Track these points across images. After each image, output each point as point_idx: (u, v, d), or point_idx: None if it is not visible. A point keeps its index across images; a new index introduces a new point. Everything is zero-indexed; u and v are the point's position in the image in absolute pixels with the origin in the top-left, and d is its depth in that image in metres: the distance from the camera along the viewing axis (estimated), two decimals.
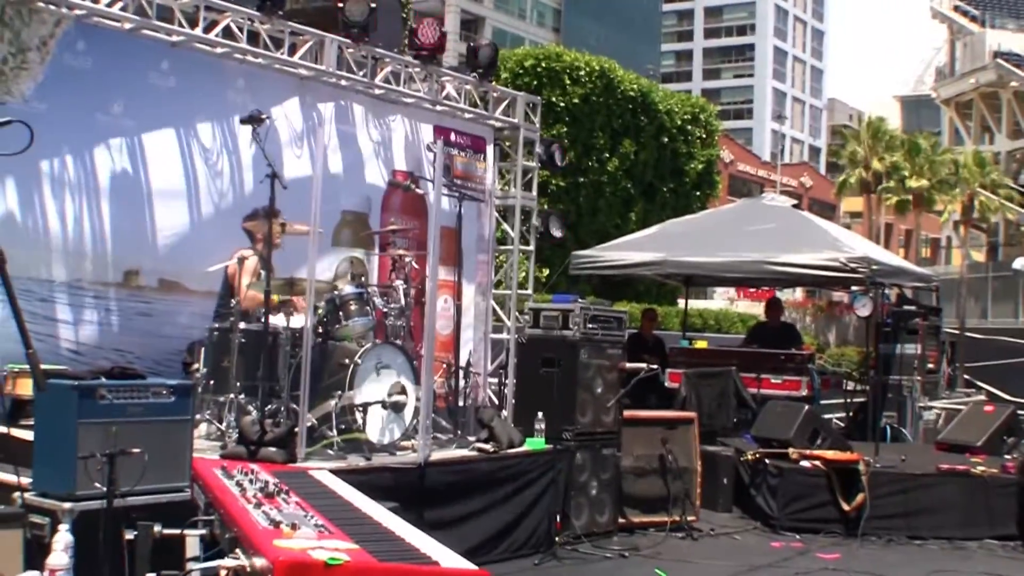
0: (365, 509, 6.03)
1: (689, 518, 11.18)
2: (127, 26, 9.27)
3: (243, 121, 9.07)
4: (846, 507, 11.17)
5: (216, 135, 10.19)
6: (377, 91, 11.34)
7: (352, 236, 11.40)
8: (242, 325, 8.95)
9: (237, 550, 5.10)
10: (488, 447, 9.75)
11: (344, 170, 11.32)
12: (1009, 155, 61.50)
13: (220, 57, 10.07)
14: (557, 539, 9.92)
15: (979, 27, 61.85)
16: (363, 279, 10.14)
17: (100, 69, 9.39)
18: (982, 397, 18.65)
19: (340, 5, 10.40)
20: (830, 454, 11.68)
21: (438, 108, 12.00)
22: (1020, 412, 13.78)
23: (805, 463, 11.59)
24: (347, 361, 8.92)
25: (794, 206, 17.56)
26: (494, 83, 12.65)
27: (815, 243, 14.91)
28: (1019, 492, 11.28)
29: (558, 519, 10.07)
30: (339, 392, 8.80)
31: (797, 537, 11.06)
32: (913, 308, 16.21)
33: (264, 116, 8.95)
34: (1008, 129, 61.31)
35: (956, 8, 64.82)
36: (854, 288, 16.71)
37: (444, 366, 11.23)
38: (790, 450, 11.70)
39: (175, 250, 9.96)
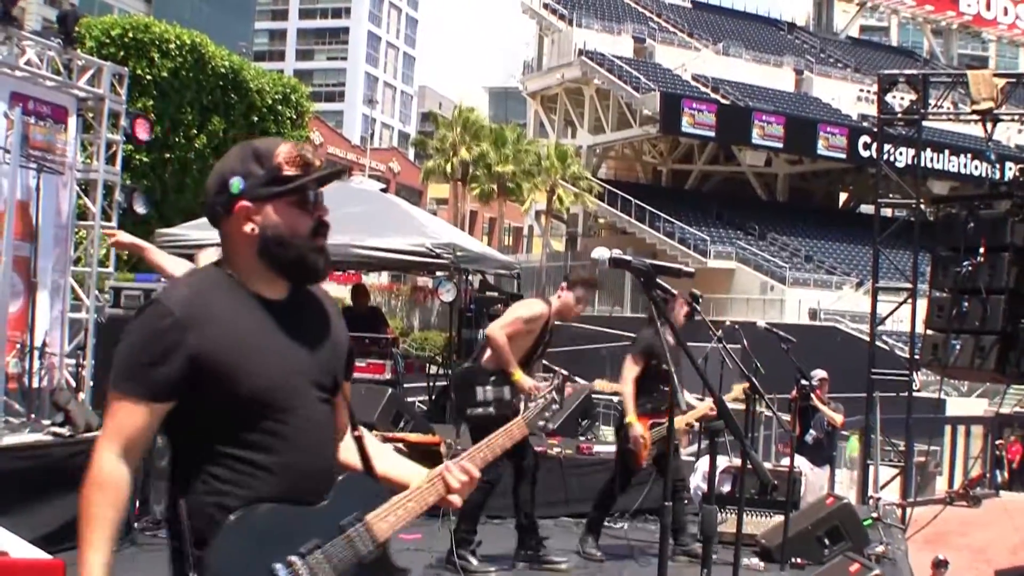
0: None
1: None
2: None
3: None
4: None
5: None
6: None
7: None
8: None
9: None
10: (64, 431, 9.37)
11: None
12: (590, 149, 64.59)
13: None
14: (136, 525, 9.65)
15: (567, 25, 64.55)
16: None
17: None
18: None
19: None
20: (413, 437, 11.87)
21: (17, 74, 11.37)
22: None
23: None
24: None
25: (382, 190, 17.70)
26: (78, 51, 12.17)
27: (402, 228, 14.98)
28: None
29: (137, 505, 9.80)
30: None
31: None
32: (495, 294, 16.67)
33: None
34: (590, 124, 64.37)
35: (546, 6, 67.40)
36: (439, 273, 17.11)
37: (17, 346, 10.72)
38: (373, 432, 11.82)
39: None
